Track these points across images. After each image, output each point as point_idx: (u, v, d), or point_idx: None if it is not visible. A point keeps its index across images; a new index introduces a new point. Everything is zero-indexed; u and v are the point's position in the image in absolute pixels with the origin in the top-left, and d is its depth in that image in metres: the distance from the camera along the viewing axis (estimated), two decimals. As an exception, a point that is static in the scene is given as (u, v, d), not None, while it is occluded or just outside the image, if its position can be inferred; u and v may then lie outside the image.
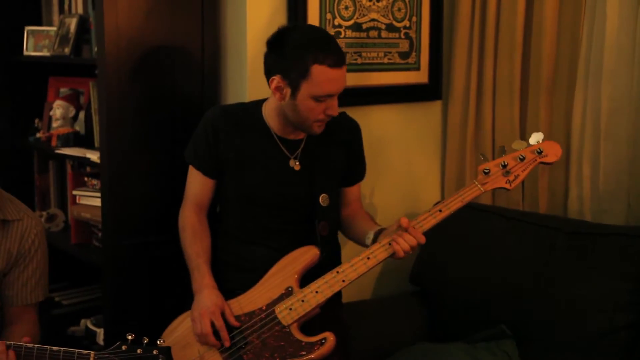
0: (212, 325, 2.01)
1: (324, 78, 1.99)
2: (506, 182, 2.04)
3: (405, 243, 1.98)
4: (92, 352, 1.85)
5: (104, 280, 2.44)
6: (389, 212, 2.80)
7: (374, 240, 2.08)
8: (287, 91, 2.03)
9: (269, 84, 2.06)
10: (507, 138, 2.76)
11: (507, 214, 2.58)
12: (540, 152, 2.04)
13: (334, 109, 2.04)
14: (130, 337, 1.84)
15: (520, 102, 2.79)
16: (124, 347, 1.84)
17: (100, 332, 2.60)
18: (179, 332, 2.09)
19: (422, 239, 2.00)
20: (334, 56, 2.00)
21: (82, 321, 2.73)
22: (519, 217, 2.55)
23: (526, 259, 2.44)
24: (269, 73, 2.06)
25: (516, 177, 2.04)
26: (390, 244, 2.00)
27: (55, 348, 1.86)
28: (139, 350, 1.83)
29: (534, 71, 2.74)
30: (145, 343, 1.85)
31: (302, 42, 2.02)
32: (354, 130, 2.27)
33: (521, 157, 2.04)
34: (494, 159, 2.08)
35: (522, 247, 2.46)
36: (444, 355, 2.34)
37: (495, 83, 2.85)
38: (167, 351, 1.84)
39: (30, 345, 1.87)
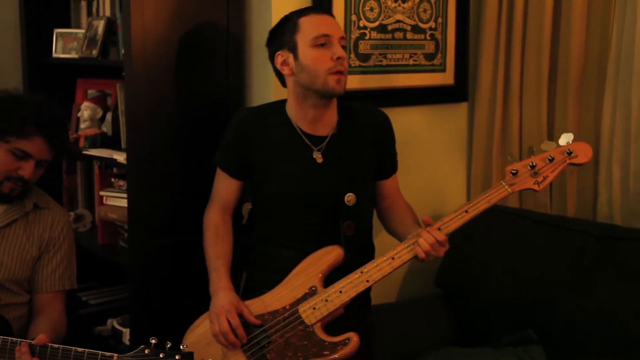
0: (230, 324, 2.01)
1: (313, 22, 2.04)
2: (534, 183, 1.99)
3: (424, 242, 1.94)
4: (115, 354, 1.87)
5: (130, 281, 2.44)
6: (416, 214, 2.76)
7: None
8: (290, 58, 2.06)
9: (275, 68, 2.11)
10: (534, 140, 2.72)
11: (535, 217, 2.54)
12: (570, 153, 1.98)
13: (340, 51, 2.03)
14: (153, 341, 1.85)
15: (548, 103, 2.75)
16: (147, 351, 1.85)
17: (126, 332, 2.60)
18: (203, 329, 2.09)
19: (441, 237, 1.95)
20: (316, 8, 2.15)
21: (109, 321, 2.73)
22: (547, 221, 2.51)
23: (554, 263, 2.39)
24: (272, 56, 2.11)
25: (545, 178, 1.99)
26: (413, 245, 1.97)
27: (79, 349, 1.89)
28: (161, 355, 1.84)
29: (562, 71, 2.68)
30: (168, 347, 1.85)
31: (286, 15, 2.10)
32: (384, 123, 2.22)
33: (550, 158, 1.98)
34: (521, 160, 2.03)
35: (550, 251, 2.41)
36: (471, 357, 2.31)
37: (522, 84, 2.80)
38: (189, 357, 1.84)
39: (56, 346, 1.90)
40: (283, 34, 2.07)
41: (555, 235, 2.41)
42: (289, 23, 2.07)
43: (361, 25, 2.59)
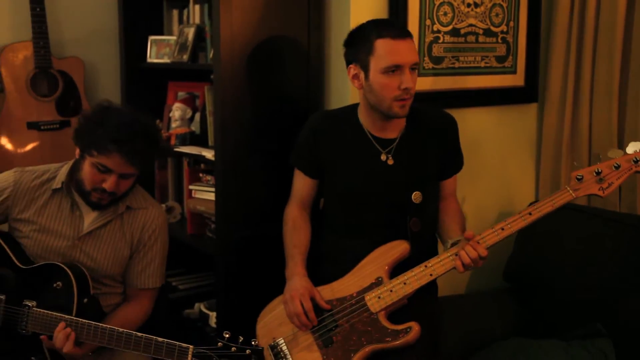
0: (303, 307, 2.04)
1: (387, 49, 1.99)
2: (599, 190, 1.96)
3: (466, 256, 1.94)
4: (190, 346, 1.89)
5: (216, 268, 2.49)
6: (484, 212, 2.74)
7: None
8: (362, 75, 2.05)
9: (349, 78, 2.10)
10: (604, 142, 2.64)
11: (604, 215, 2.47)
12: (636, 162, 1.94)
13: (408, 82, 2.00)
14: (227, 335, 1.87)
15: (619, 107, 2.66)
16: (219, 344, 1.86)
17: (212, 315, 2.65)
18: (277, 311, 2.13)
19: (484, 253, 1.94)
20: (395, 29, 2.02)
21: (196, 305, 2.79)
22: (616, 218, 2.44)
23: (623, 260, 2.32)
24: (347, 66, 2.10)
25: (610, 184, 1.95)
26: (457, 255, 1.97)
27: (160, 339, 1.92)
28: (233, 349, 1.85)
29: (634, 74, 2.60)
30: (240, 342, 1.86)
31: (365, 26, 2.06)
32: (449, 124, 2.21)
33: (616, 166, 1.94)
34: (589, 165, 1.99)
35: (619, 248, 2.35)
36: (539, 350, 2.27)
37: (592, 86, 2.72)
38: (259, 352, 1.85)
39: (140, 334, 1.94)
40: (358, 50, 2.04)
41: (624, 233, 2.35)
42: (366, 41, 2.02)
43: (435, 29, 2.58)
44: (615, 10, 2.60)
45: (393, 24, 2.06)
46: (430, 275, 1.99)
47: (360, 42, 2.04)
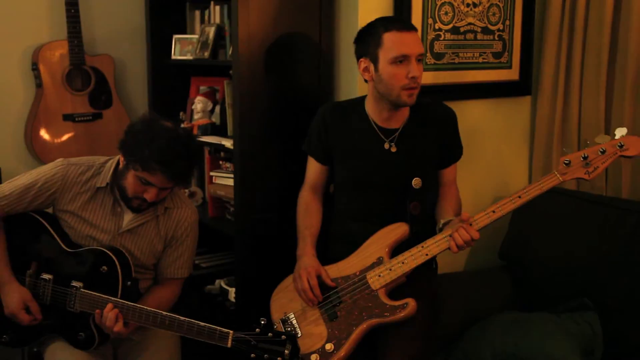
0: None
1: (395, 41, 2.01)
2: (585, 173, 1.95)
3: (459, 238, 1.95)
4: (231, 330, 1.89)
5: (235, 248, 2.50)
6: (480, 197, 2.74)
7: (440, 230, 2.06)
8: (371, 67, 2.05)
9: (360, 71, 2.10)
10: (592, 132, 2.64)
11: (591, 198, 2.47)
12: (621, 146, 1.93)
13: (415, 71, 2.02)
14: (263, 322, 1.87)
15: (606, 99, 2.66)
16: (257, 330, 1.86)
17: (231, 291, 2.67)
18: (288, 288, 2.15)
19: (476, 236, 1.96)
20: (401, 22, 2.04)
21: (217, 281, 2.80)
22: (602, 201, 2.44)
23: (608, 239, 2.33)
24: (357, 60, 2.10)
25: (595, 168, 1.94)
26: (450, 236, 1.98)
27: (202, 324, 1.92)
28: (269, 334, 1.86)
29: (620, 69, 2.59)
30: (275, 328, 1.88)
31: (373, 23, 2.08)
32: (449, 116, 2.22)
33: (602, 150, 1.93)
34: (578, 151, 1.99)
35: (604, 229, 2.35)
36: (531, 322, 2.28)
37: (582, 80, 2.72)
38: (293, 338, 1.86)
39: (183, 318, 1.95)
40: (368, 44, 2.05)
41: (609, 215, 2.35)
42: (374, 35, 2.04)
43: (436, 27, 2.58)
44: (603, 10, 2.59)
45: (399, 18, 2.06)
46: (426, 255, 2.01)
47: (369, 37, 2.05)
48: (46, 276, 2.07)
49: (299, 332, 2.06)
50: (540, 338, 2.20)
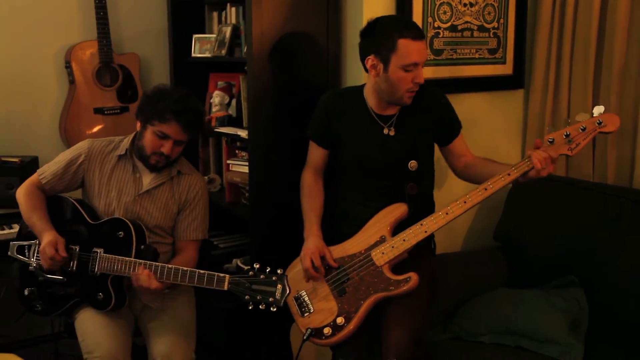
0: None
1: (409, 49, 1.96)
2: (568, 150, 1.92)
3: (538, 154, 1.89)
4: (227, 275, 1.97)
5: (250, 230, 2.50)
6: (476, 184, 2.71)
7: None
8: (380, 67, 2.01)
9: (364, 65, 2.05)
10: (580, 122, 2.60)
11: (579, 184, 2.45)
12: (600, 123, 1.90)
13: (420, 77, 2.00)
14: (257, 266, 1.95)
15: (593, 91, 2.62)
16: (251, 273, 1.94)
17: (247, 269, 2.65)
18: (298, 268, 2.14)
19: (554, 154, 1.90)
20: (415, 31, 1.98)
21: (234, 260, 2.80)
22: (589, 187, 2.42)
23: (595, 222, 2.31)
24: (364, 56, 2.05)
25: (577, 145, 1.92)
26: (526, 160, 1.93)
27: (201, 271, 2.01)
28: (262, 276, 1.93)
29: (606, 65, 2.56)
30: (268, 271, 1.93)
31: (388, 24, 2.01)
32: (439, 98, 2.17)
33: (582, 128, 1.91)
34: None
35: (591, 212, 2.33)
36: (523, 298, 2.26)
37: (571, 74, 2.68)
38: (282, 277, 1.91)
39: (186, 268, 2.03)
40: (380, 46, 1.99)
41: (596, 199, 2.33)
42: (388, 38, 1.96)
43: (436, 25, 2.55)
44: (591, 10, 2.55)
45: (412, 24, 2.00)
46: (425, 232, 1.99)
47: (381, 37, 1.99)
48: (74, 247, 2.15)
49: (312, 308, 2.06)
50: (531, 313, 2.19)
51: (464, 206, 1.96)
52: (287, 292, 1.91)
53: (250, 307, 1.94)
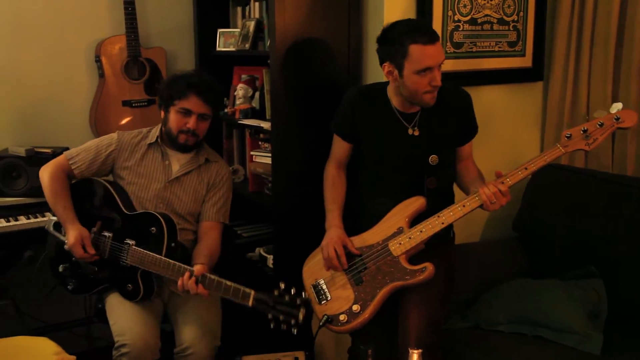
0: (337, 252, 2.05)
1: (420, 54, 1.93)
2: (585, 145, 1.90)
3: (484, 192, 1.91)
4: (252, 290, 1.93)
5: (272, 219, 2.51)
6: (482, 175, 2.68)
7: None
8: (396, 73, 1.99)
9: (383, 70, 2.04)
10: (600, 114, 2.55)
11: (598, 175, 2.41)
12: (617, 119, 1.87)
13: (437, 80, 1.97)
14: (282, 285, 1.90)
15: (612, 84, 2.57)
16: (275, 292, 1.90)
17: (269, 258, 2.67)
18: (319, 257, 2.14)
19: (503, 188, 1.91)
20: (426, 35, 1.94)
21: (257, 249, 2.81)
22: (608, 178, 2.37)
23: (612, 213, 2.27)
24: (381, 62, 2.04)
25: (594, 140, 1.89)
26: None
27: (228, 283, 1.98)
28: (286, 297, 1.88)
29: (627, 57, 2.50)
30: (293, 293, 1.89)
31: (399, 30, 1.97)
32: (464, 99, 2.16)
33: (600, 124, 1.88)
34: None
35: (610, 203, 2.29)
36: (542, 288, 2.24)
37: (590, 67, 2.64)
38: (307, 302, 1.88)
39: (212, 276, 2.00)
40: (394, 53, 1.96)
41: (615, 190, 2.29)
42: (400, 45, 1.94)
43: (456, 19, 2.52)
44: (611, 3, 2.51)
45: (424, 27, 1.97)
46: (442, 223, 1.98)
47: (394, 44, 1.97)
48: (107, 233, 2.17)
49: (329, 296, 2.06)
50: (550, 303, 2.17)
51: (478, 201, 1.95)
52: (311, 317, 1.88)
53: (271, 326, 1.92)
